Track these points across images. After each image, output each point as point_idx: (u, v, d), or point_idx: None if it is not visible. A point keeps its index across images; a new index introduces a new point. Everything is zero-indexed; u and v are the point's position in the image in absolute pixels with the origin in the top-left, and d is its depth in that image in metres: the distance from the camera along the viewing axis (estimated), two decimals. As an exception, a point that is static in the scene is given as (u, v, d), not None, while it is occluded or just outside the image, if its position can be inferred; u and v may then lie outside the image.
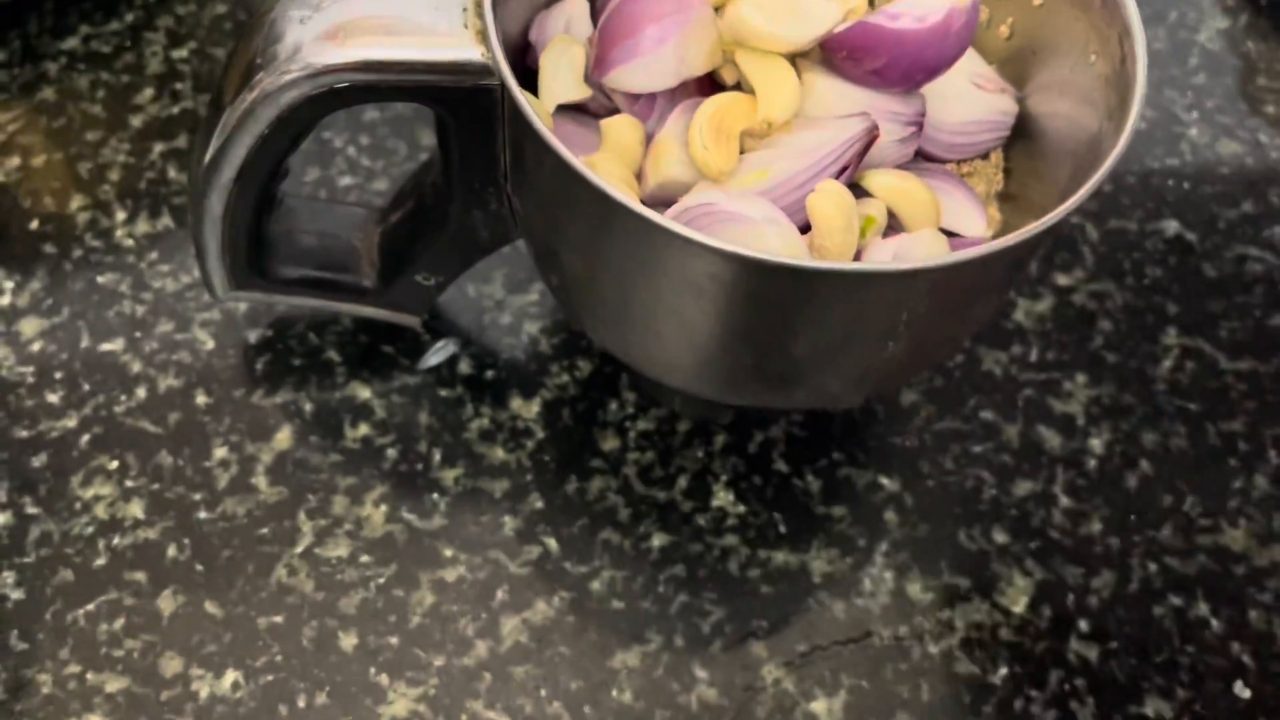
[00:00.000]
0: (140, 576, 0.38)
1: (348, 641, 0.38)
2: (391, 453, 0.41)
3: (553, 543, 0.40)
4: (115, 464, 0.40)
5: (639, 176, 0.35)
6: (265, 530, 0.39)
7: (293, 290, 0.40)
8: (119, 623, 0.37)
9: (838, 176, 0.34)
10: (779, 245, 0.31)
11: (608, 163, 0.34)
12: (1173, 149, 0.51)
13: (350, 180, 0.47)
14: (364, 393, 0.42)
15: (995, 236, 0.38)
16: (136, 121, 0.47)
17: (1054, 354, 0.45)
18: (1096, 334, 0.45)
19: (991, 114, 0.38)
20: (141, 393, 0.42)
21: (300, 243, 0.39)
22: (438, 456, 0.41)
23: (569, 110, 0.37)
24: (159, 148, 0.47)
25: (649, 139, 0.35)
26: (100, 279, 0.44)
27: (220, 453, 0.41)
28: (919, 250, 0.33)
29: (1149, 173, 0.50)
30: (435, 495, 0.40)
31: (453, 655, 0.38)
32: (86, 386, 0.41)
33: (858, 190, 0.35)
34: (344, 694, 0.37)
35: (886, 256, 0.33)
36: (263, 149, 0.33)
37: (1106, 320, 0.46)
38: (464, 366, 0.43)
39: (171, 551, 0.39)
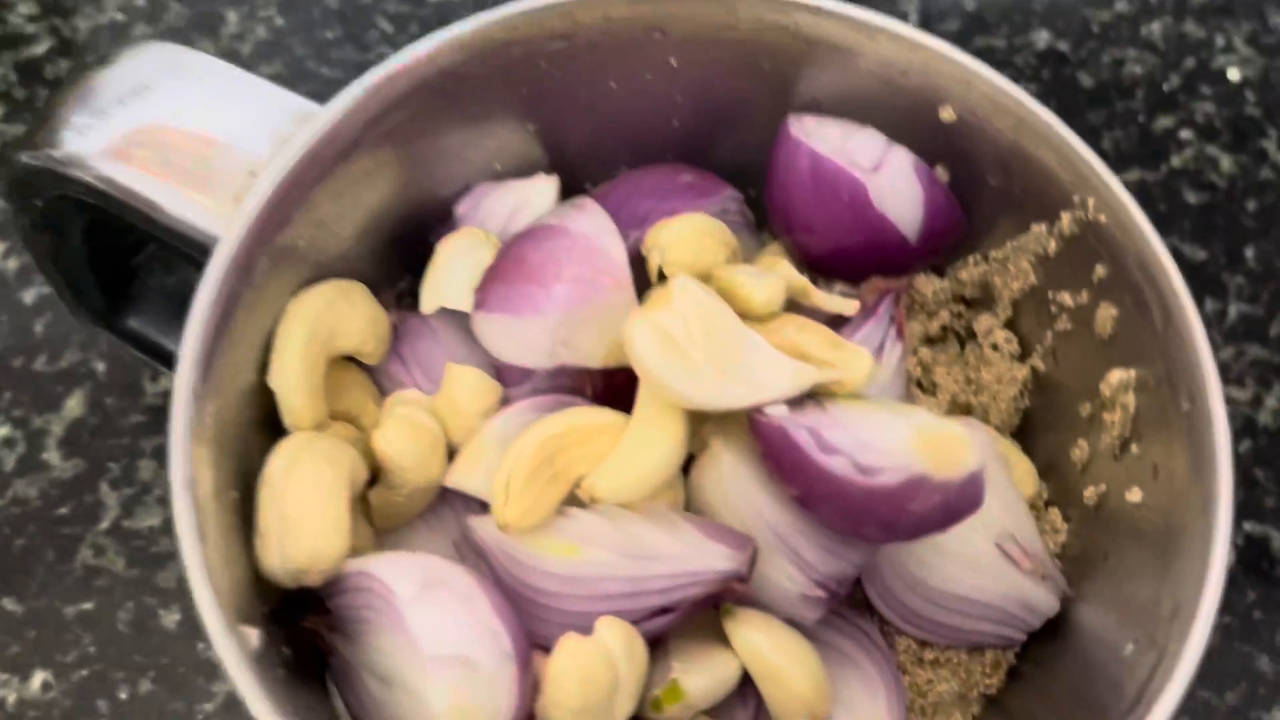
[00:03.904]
0: (-76, 582, 0.34)
1: (170, 619, 0.33)
2: (199, 403, 0.36)
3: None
4: (-117, 461, 0.35)
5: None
6: (64, 510, 0.35)
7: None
8: (-95, 637, 0.33)
9: (652, 616, 0.23)
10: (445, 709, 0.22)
11: (405, 442, 0.25)
12: (1032, -46, 0.46)
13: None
14: (162, 342, 0.37)
15: None
16: None
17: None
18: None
19: (1009, 602, 0.26)
20: (-94, 378, 0.37)
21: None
22: (252, 400, 0.36)
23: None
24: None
25: (504, 403, 0.26)
26: None
27: (3, 431, 0.36)
28: None
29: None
30: (253, 443, 0.36)
31: (290, 616, 0.33)
32: None
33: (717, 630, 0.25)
34: (171, 676, 0.33)
35: None
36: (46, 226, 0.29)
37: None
38: (273, 297, 0.38)
39: (-42, 549, 0.34)
